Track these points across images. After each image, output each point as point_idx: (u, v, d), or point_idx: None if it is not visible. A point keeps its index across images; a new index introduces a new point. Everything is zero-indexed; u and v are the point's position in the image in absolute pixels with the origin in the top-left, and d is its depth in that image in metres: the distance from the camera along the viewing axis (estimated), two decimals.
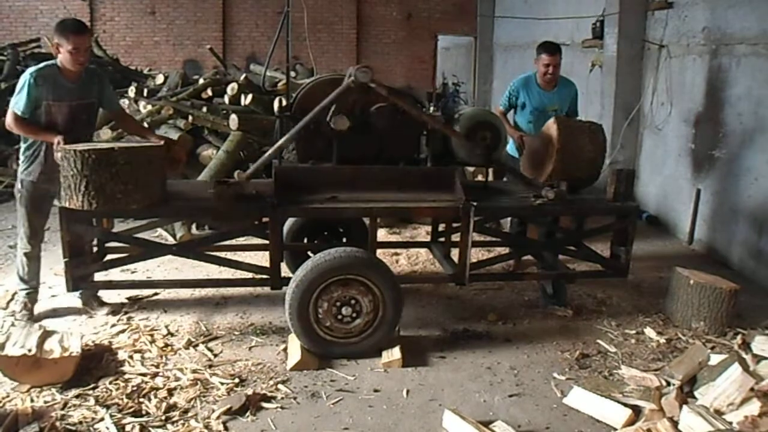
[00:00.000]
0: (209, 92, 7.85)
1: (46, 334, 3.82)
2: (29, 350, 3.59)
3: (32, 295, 4.59)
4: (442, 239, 5.25)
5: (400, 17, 14.80)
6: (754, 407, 3.26)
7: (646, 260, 6.15)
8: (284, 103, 4.64)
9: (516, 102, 5.58)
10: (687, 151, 6.95)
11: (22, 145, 4.39)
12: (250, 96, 7.36)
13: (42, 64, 4.31)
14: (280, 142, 4.20)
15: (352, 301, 4.01)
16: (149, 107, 7.46)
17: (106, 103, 4.59)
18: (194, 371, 3.84)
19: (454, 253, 4.61)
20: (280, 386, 3.73)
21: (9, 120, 4.21)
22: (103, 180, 3.71)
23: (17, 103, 4.17)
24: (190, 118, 7.19)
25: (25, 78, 4.19)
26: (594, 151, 4.52)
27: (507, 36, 13.37)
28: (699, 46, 6.72)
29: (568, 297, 5.11)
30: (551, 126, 4.58)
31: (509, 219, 5.79)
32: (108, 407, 3.41)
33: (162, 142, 4.29)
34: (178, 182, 5.08)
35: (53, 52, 4.35)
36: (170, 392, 3.60)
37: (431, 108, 4.49)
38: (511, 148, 5.68)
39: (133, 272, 5.45)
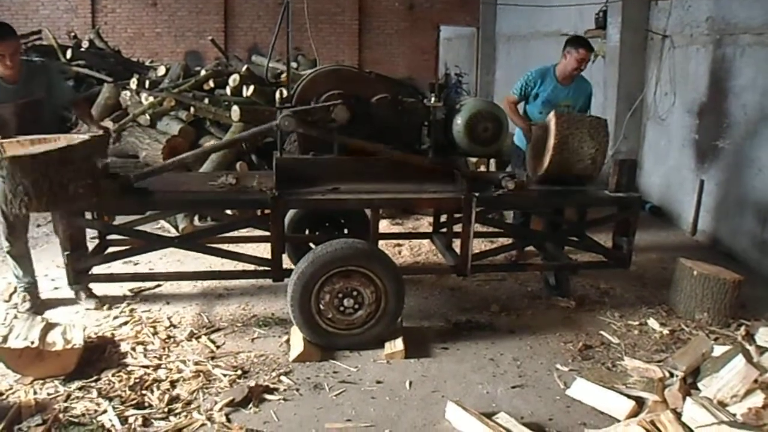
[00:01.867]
0: (211, 84, 7.83)
1: (49, 327, 3.83)
2: (32, 342, 3.60)
3: (31, 289, 4.61)
4: (444, 230, 5.23)
5: (402, 8, 14.74)
6: (757, 399, 3.25)
7: (650, 251, 6.13)
8: (285, 94, 4.62)
9: (530, 92, 5.51)
10: (690, 142, 6.92)
11: None
12: (251, 87, 7.34)
13: None
14: (185, 154, 4.20)
15: (354, 293, 4.00)
16: (151, 99, 7.44)
17: (57, 95, 4.55)
18: (197, 363, 3.84)
19: (457, 244, 4.60)
20: (282, 378, 3.73)
21: None
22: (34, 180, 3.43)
23: None
24: (192, 109, 7.17)
25: None
26: (595, 146, 4.43)
27: (510, 26, 13.31)
28: (703, 35, 6.68)
29: (571, 288, 5.10)
30: (551, 118, 4.53)
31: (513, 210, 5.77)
32: (111, 399, 3.41)
33: (101, 132, 4.44)
34: (179, 174, 5.07)
35: None
36: (173, 384, 3.61)
37: (433, 99, 4.46)
38: (518, 138, 5.66)
39: (135, 264, 5.45)
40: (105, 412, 3.31)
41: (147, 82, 8.16)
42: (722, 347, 3.84)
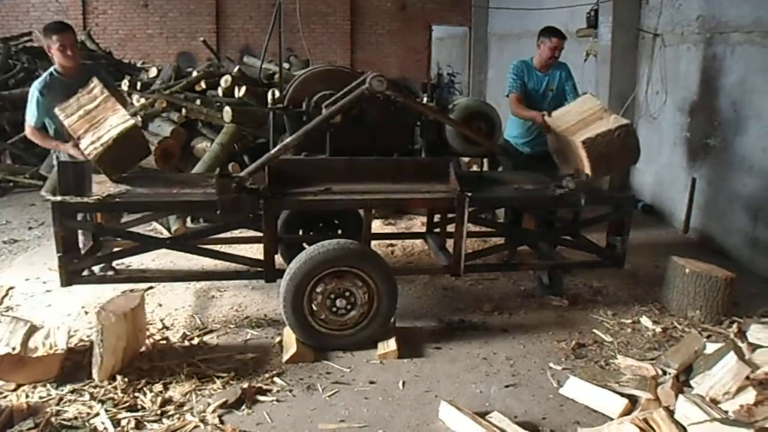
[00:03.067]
0: (203, 85, 7.80)
1: (32, 330, 3.76)
2: (13, 348, 3.54)
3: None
4: (437, 230, 5.24)
5: (394, 8, 14.74)
6: (749, 396, 3.27)
7: (642, 249, 6.14)
8: (277, 95, 4.62)
9: (525, 81, 5.51)
10: (682, 140, 6.95)
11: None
12: (243, 88, 7.32)
13: (43, 75, 4.75)
14: (288, 140, 4.15)
15: (347, 293, 4.00)
16: (142, 100, 7.42)
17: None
18: (189, 365, 3.83)
19: (450, 244, 4.60)
20: (275, 379, 3.73)
21: (27, 132, 4.79)
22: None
23: (30, 116, 4.66)
24: (184, 111, 7.14)
25: (32, 92, 4.65)
26: (628, 156, 4.41)
27: (502, 26, 13.32)
28: (693, 34, 6.70)
29: (564, 287, 5.11)
30: (581, 152, 4.30)
31: (503, 208, 5.77)
32: (103, 402, 3.40)
33: None
34: (174, 174, 5.06)
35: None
36: (165, 386, 3.59)
37: (425, 99, 4.46)
38: (510, 134, 5.67)
39: (127, 266, 5.43)
40: (97, 415, 3.29)
41: (138, 84, 8.14)
42: (714, 345, 3.85)
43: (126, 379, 3.58)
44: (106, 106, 4.20)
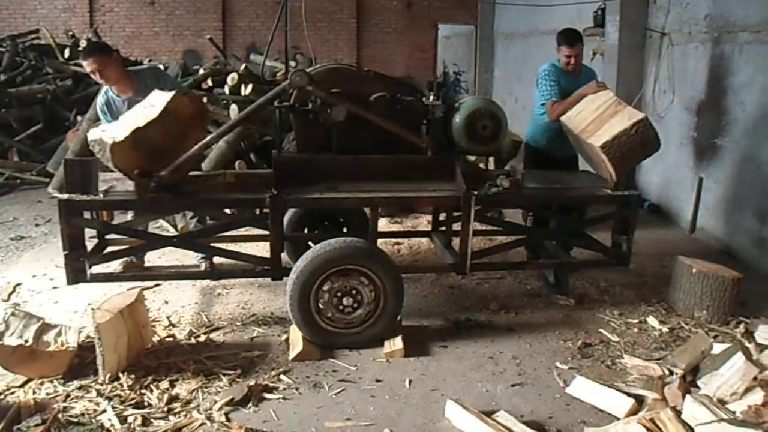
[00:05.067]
0: (209, 82, 7.82)
1: (45, 327, 3.79)
2: (26, 341, 3.58)
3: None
4: (443, 228, 5.23)
5: (400, 6, 14.73)
6: (757, 396, 3.25)
7: (649, 249, 6.12)
8: None
9: (561, 83, 5.24)
10: (689, 140, 6.92)
11: None
12: (250, 86, 7.33)
13: (102, 90, 4.86)
14: (207, 138, 4.17)
15: (353, 292, 4.00)
16: None
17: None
18: (196, 362, 3.84)
19: (456, 243, 4.59)
20: (282, 377, 3.73)
21: None
22: None
23: None
24: None
25: (97, 109, 4.92)
26: (649, 148, 4.41)
27: (508, 24, 13.30)
28: (701, 33, 6.67)
29: (570, 286, 5.10)
30: (602, 156, 4.31)
31: (528, 214, 5.53)
32: (110, 399, 3.41)
33: None
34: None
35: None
36: (172, 383, 3.60)
37: (431, 97, 4.45)
38: (531, 137, 5.55)
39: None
40: (104, 411, 3.31)
41: None
42: (722, 345, 3.84)
43: (132, 376, 3.60)
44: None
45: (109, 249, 4.52)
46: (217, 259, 5.16)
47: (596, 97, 4.61)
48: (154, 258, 5.54)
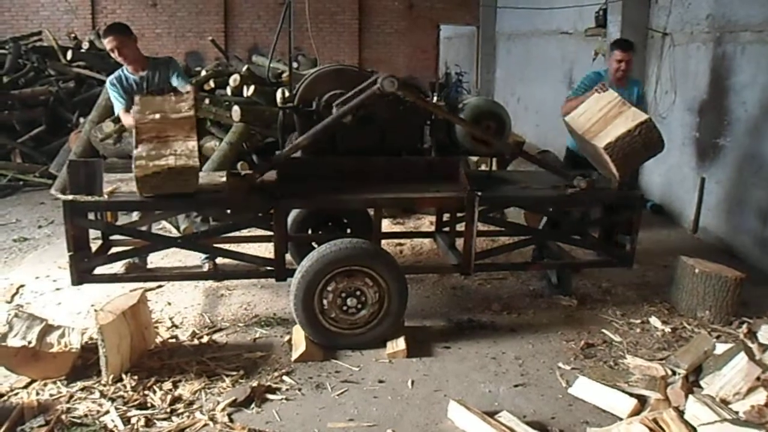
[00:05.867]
0: (211, 84, 7.82)
1: (48, 329, 3.80)
2: (29, 342, 3.59)
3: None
4: (447, 229, 5.24)
5: (402, 7, 14.76)
6: (760, 396, 3.26)
7: (651, 249, 6.13)
8: (287, 94, 4.62)
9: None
10: (691, 140, 6.92)
11: None
12: (252, 87, 7.33)
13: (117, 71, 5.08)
14: (299, 140, 4.16)
15: (357, 292, 4.01)
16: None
17: (180, 85, 4.98)
18: (199, 363, 3.85)
19: (459, 243, 4.60)
20: (285, 378, 3.74)
21: (123, 120, 5.07)
22: None
23: (116, 106, 5.02)
24: None
25: (107, 86, 5.09)
26: (652, 149, 4.41)
27: (510, 25, 13.31)
28: (703, 33, 6.67)
29: (573, 286, 5.10)
30: (605, 156, 4.32)
31: (543, 218, 5.45)
32: (113, 400, 3.42)
33: None
34: None
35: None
36: (175, 384, 3.61)
37: (434, 98, 4.46)
38: (570, 141, 5.58)
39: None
40: (107, 412, 3.31)
41: None
42: (724, 345, 3.84)
43: (135, 377, 3.60)
44: (179, 123, 3.88)
45: (114, 250, 4.53)
46: (220, 260, 5.17)
47: (601, 97, 4.62)
48: (156, 259, 5.55)
